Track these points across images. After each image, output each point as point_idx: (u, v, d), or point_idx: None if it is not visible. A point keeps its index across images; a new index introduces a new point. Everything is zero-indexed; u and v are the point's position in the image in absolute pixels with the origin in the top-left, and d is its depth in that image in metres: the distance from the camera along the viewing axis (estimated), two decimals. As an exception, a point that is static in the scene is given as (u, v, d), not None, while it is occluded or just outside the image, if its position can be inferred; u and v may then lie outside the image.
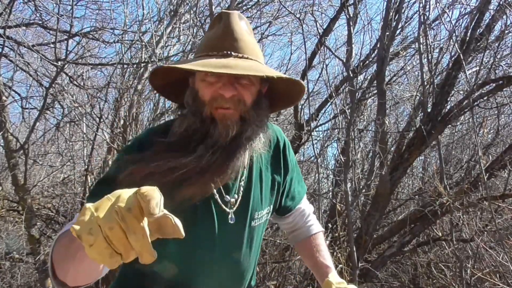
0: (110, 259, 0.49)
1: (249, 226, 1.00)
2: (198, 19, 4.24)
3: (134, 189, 0.55)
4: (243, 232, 0.99)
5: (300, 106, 4.07)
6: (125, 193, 0.54)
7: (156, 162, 0.85)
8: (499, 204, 3.18)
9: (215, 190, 0.94)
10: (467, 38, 3.23)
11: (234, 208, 0.97)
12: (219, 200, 0.95)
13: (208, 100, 0.91)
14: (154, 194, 0.52)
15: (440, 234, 3.68)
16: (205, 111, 0.91)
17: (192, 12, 4.31)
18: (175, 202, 0.79)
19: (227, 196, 0.96)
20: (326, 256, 1.16)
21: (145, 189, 0.53)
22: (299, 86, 1.00)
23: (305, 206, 1.24)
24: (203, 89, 0.92)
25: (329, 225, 4.04)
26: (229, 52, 0.90)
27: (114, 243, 0.49)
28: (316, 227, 1.23)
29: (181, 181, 0.85)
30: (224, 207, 0.96)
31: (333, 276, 1.09)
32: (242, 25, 0.95)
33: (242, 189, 0.99)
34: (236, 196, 0.98)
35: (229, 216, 0.96)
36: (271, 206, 1.08)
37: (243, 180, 1.00)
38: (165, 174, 0.84)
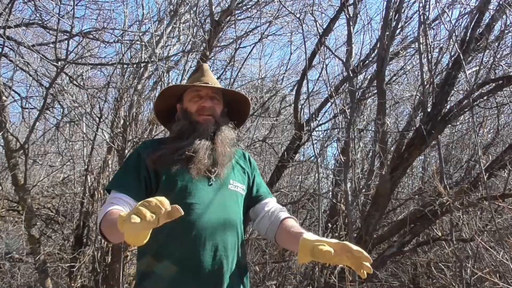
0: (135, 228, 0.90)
1: (227, 189, 1.39)
2: (198, 19, 4.25)
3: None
4: (223, 193, 1.38)
5: (300, 106, 4.07)
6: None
7: (166, 148, 1.37)
8: (499, 204, 3.18)
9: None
10: (467, 38, 3.23)
11: (213, 176, 1.38)
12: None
13: (194, 111, 1.45)
14: (166, 201, 0.92)
15: (440, 234, 3.68)
16: (192, 118, 1.43)
17: (192, 12, 4.31)
18: (176, 171, 1.33)
19: (210, 168, 1.38)
20: (299, 229, 1.30)
21: (161, 198, 0.92)
22: (247, 104, 1.57)
23: (277, 205, 1.49)
24: (190, 106, 1.46)
25: (329, 225, 4.04)
26: (206, 83, 1.47)
27: (142, 213, 0.88)
28: (284, 215, 1.41)
29: (182, 160, 1.35)
30: (208, 173, 1.37)
31: (309, 235, 1.13)
32: (210, 71, 1.57)
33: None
34: (215, 168, 1.39)
35: (210, 180, 1.37)
36: (245, 186, 1.46)
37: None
38: (172, 153, 1.35)
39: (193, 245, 1.26)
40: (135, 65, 4.06)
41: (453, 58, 3.31)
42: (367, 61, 4.28)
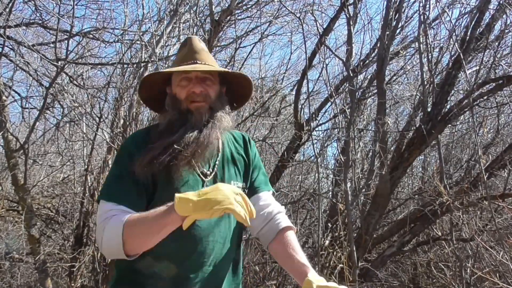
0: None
1: None
2: (198, 18, 4.24)
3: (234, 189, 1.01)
4: None
5: (300, 106, 4.07)
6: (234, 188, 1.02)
7: (153, 147, 1.17)
8: (499, 204, 3.18)
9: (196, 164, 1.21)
10: (467, 37, 3.23)
11: (209, 178, 1.24)
12: (197, 170, 1.22)
13: (183, 98, 1.25)
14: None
15: (440, 233, 3.69)
16: (182, 106, 1.24)
17: (192, 11, 4.31)
18: (169, 173, 1.17)
19: (203, 169, 1.24)
20: (301, 255, 1.21)
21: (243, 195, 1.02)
22: (248, 83, 1.34)
23: (274, 203, 1.36)
24: (179, 91, 1.26)
25: (329, 224, 4.04)
26: (194, 61, 1.28)
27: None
28: (285, 222, 1.29)
29: (174, 158, 1.16)
30: (202, 176, 1.23)
31: (313, 275, 1.11)
32: (202, 45, 1.34)
33: (216, 165, 1.27)
34: (211, 170, 1.26)
35: (205, 184, 1.23)
36: (245, 184, 1.34)
37: (218, 160, 1.28)
38: (162, 153, 1.15)
39: (192, 258, 1.19)
40: (135, 65, 4.05)
41: (453, 58, 3.31)
42: (367, 61, 4.28)
